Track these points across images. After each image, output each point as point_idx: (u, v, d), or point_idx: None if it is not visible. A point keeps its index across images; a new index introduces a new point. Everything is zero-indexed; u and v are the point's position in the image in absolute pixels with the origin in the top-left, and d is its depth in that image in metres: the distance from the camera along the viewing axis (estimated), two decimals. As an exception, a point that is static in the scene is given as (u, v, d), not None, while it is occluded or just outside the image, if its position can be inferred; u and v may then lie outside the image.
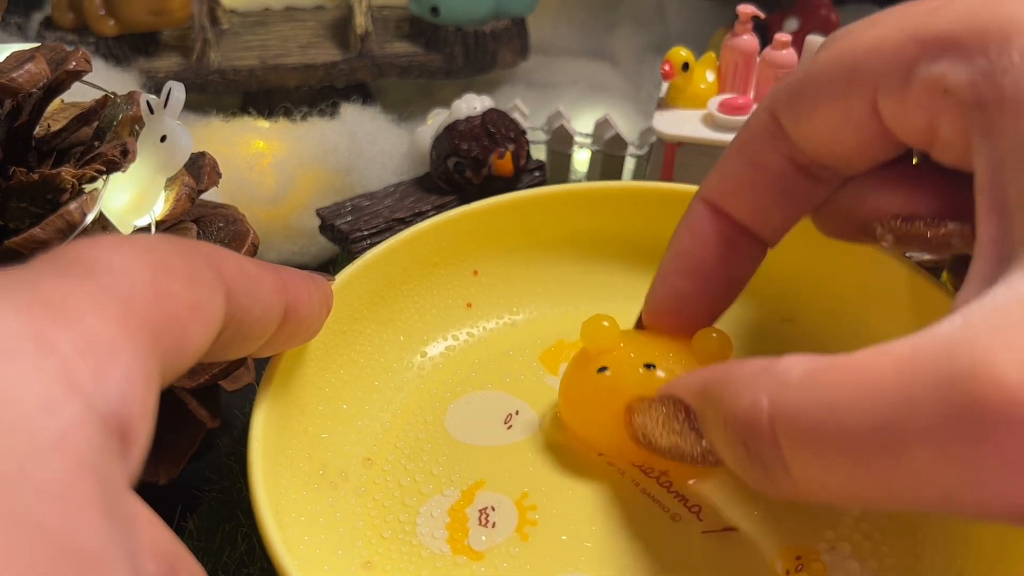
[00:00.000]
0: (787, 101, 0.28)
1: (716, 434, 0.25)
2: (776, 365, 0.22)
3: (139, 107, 0.32)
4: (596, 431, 0.32)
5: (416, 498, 0.32)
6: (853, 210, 0.29)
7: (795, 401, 0.21)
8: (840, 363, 0.21)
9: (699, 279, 0.31)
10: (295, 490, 0.30)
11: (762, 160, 0.29)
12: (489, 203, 0.38)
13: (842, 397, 0.20)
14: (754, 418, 0.22)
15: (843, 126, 0.26)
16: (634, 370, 0.30)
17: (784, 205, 0.30)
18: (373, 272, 0.35)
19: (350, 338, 0.35)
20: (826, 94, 0.26)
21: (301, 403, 0.32)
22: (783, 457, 0.22)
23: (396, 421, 0.35)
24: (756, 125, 0.29)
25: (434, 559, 0.30)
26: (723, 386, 0.24)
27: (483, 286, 0.39)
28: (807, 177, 0.29)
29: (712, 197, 0.31)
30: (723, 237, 0.31)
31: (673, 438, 0.27)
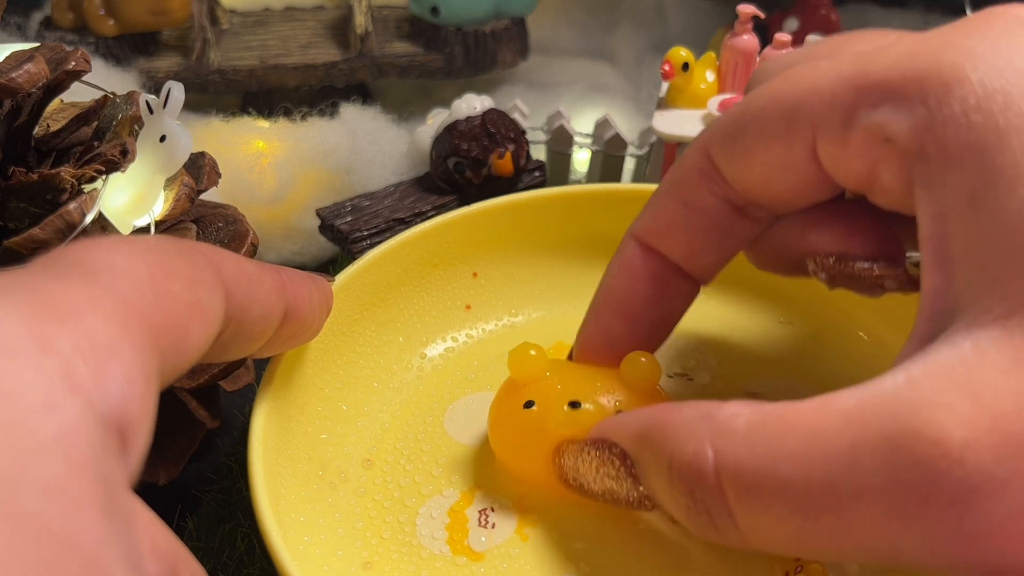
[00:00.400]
0: (722, 142, 0.27)
1: (657, 481, 0.24)
2: (719, 412, 0.22)
3: (138, 107, 0.32)
4: (524, 466, 0.31)
5: (415, 499, 0.32)
6: (787, 247, 0.28)
7: (740, 452, 0.21)
8: (785, 414, 0.21)
9: (630, 318, 0.31)
10: (294, 491, 0.30)
11: (695, 200, 0.29)
12: (488, 205, 0.38)
13: (787, 450, 0.20)
14: (699, 468, 0.22)
15: (780, 168, 0.26)
16: (560, 408, 0.29)
17: (717, 244, 0.29)
18: (372, 273, 0.35)
19: (349, 339, 0.35)
20: (763, 136, 0.26)
21: (300, 404, 0.32)
22: (729, 508, 0.22)
23: (395, 422, 0.35)
24: (689, 165, 0.29)
25: (434, 560, 0.30)
26: (664, 432, 0.24)
27: (482, 288, 0.39)
28: (741, 216, 0.29)
29: (644, 236, 0.30)
30: (655, 276, 0.30)
31: (607, 483, 0.27)
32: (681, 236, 0.30)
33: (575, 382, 0.30)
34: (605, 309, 0.32)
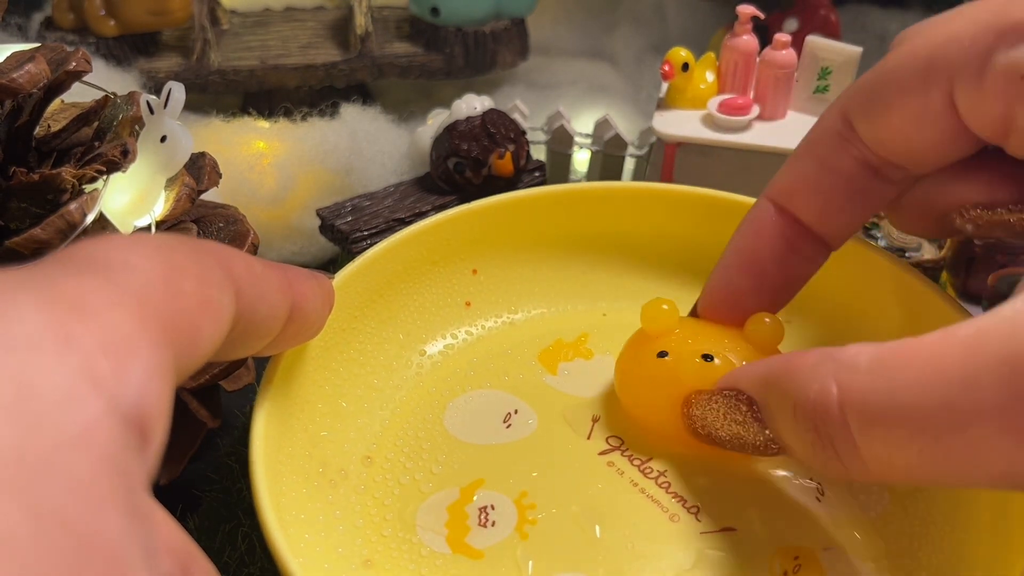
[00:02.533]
0: (860, 101, 0.28)
1: (782, 422, 0.25)
2: (841, 353, 0.23)
3: (139, 107, 0.32)
4: (652, 413, 0.32)
5: (416, 496, 0.32)
6: (931, 203, 0.28)
7: (864, 385, 0.22)
8: (907, 347, 0.22)
9: (756, 277, 0.32)
10: (295, 488, 0.30)
11: (831, 161, 0.29)
12: (488, 202, 0.38)
13: (909, 379, 0.21)
14: (824, 403, 0.23)
15: (919, 123, 0.26)
16: (692, 360, 0.31)
17: (852, 207, 0.30)
18: (373, 271, 0.35)
19: (350, 336, 0.35)
20: (901, 91, 0.26)
21: (301, 401, 0.32)
22: (853, 439, 0.22)
23: (395, 419, 0.35)
24: (826, 127, 0.29)
25: (434, 557, 0.30)
26: (788, 375, 0.25)
27: (482, 285, 0.39)
28: (877, 178, 0.29)
29: (778, 197, 0.31)
30: (785, 237, 0.31)
31: (735, 428, 0.28)
32: (815, 197, 0.30)
33: (705, 337, 0.32)
34: (732, 265, 0.32)
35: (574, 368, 0.37)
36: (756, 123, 0.47)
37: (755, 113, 0.46)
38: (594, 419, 0.34)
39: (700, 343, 0.31)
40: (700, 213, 0.39)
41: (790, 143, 0.45)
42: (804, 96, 0.47)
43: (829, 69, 0.46)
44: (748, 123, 0.46)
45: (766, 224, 0.31)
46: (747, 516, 0.30)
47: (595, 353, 0.37)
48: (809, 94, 0.47)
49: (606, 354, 0.37)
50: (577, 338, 0.38)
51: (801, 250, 0.31)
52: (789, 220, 0.31)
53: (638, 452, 0.32)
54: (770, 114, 0.47)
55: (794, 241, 0.31)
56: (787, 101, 0.47)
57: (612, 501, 0.31)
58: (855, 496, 0.31)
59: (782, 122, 0.47)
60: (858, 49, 0.45)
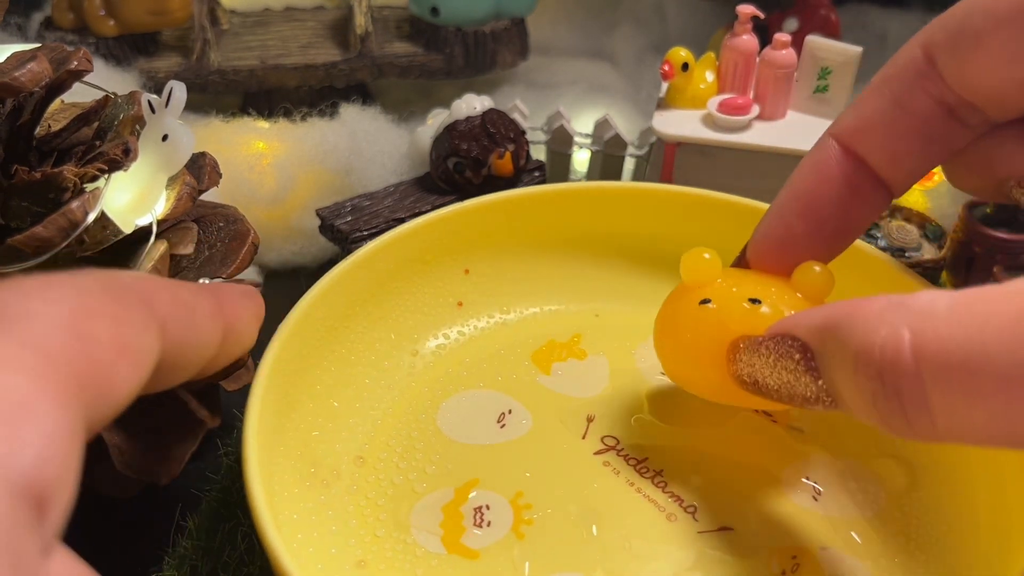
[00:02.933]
0: (947, 33, 0.26)
1: (842, 373, 0.23)
2: (913, 300, 0.21)
3: (140, 107, 0.32)
4: (692, 368, 0.31)
5: (410, 496, 0.32)
6: (993, 165, 0.28)
7: (943, 334, 0.20)
8: (989, 295, 0.20)
9: (815, 221, 0.30)
10: (287, 488, 0.30)
11: (907, 99, 0.27)
12: (481, 202, 0.38)
13: (996, 327, 0.20)
14: (895, 351, 0.21)
15: (1011, 59, 0.25)
16: (739, 304, 0.29)
17: (922, 150, 0.28)
18: (364, 269, 0.35)
19: (341, 335, 0.35)
20: (996, 23, 0.25)
21: (292, 401, 0.32)
22: (924, 392, 0.21)
23: (388, 419, 0.34)
24: (905, 62, 0.27)
25: (429, 558, 0.29)
26: (851, 321, 0.23)
27: (474, 285, 0.39)
28: (952, 121, 0.27)
29: (845, 135, 0.29)
30: (848, 180, 0.29)
31: (785, 376, 0.26)
32: (886, 137, 0.28)
33: (751, 284, 0.30)
34: (789, 207, 0.30)
35: (568, 368, 0.37)
36: (756, 123, 0.47)
37: (755, 113, 0.46)
38: (589, 419, 0.34)
39: (745, 289, 0.30)
40: (696, 214, 0.38)
41: (790, 143, 0.45)
42: (804, 96, 0.47)
43: (829, 69, 0.46)
44: (748, 123, 0.46)
45: (830, 165, 0.29)
46: (744, 515, 0.30)
47: (588, 353, 0.37)
48: (809, 94, 0.47)
49: (599, 354, 0.37)
50: (570, 338, 0.38)
51: (864, 194, 0.29)
52: (854, 161, 0.29)
53: (634, 452, 0.32)
54: (770, 114, 0.47)
55: (858, 184, 0.29)
56: (787, 101, 0.47)
57: (608, 501, 0.31)
58: (852, 496, 0.31)
59: (782, 122, 0.47)
60: (858, 49, 0.45)
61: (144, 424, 0.33)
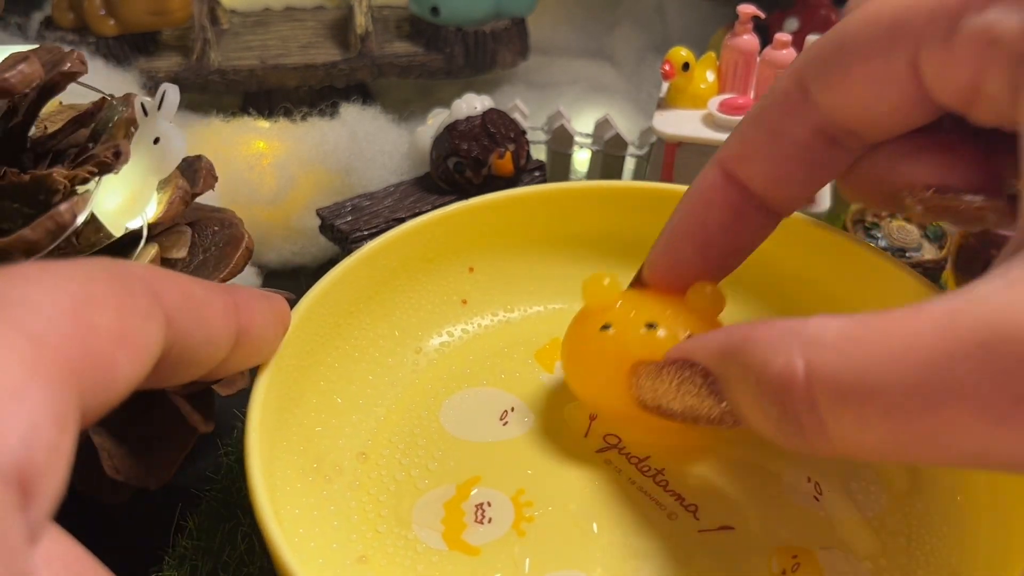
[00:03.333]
0: (817, 65, 0.27)
1: (743, 396, 0.24)
2: (806, 326, 0.22)
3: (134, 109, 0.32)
4: (599, 390, 0.32)
5: (411, 493, 0.32)
6: (883, 178, 0.28)
7: (832, 361, 0.21)
8: (875, 322, 0.21)
9: (701, 245, 0.31)
10: (289, 483, 0.30)
11: (784, 128, 0.28)
12: (485, 200, 0.38)
13: (881, 356, 0.21)
14: (789, 379, 0.22)
15: (880, 89, 0.25)
16: (636, 329, 0.30)
17: (803, 175, 0.29)
18: (369, 267, 0.35)
19: (345, 332, 0.35)
20: (862, 54, 0.25)
21: (295, 396, 0.32)
22: (820, 416, 0.22)
23: (391, 416, 0.34)
24: (780, 92, 0.28)
25: (430, 554, 0.30)
26: (749, 347, 0.24)
27: (478, 283, 0.39)
28: (832, 146, 0.28)
29: (727, 163, 0.30)
30: (732, 206, 0.30)
31: (688, 400, 0.27)
32: (766, 165, 0.29)
33: (648, 307, 0.31)
34: (678, 232, 0.31)
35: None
36: (756, 122, 0.46)
37: (755, 112, 0.46)
38: (591, 417, 0.34)
39: (643, 313, 0.31)
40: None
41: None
42: (804, 95, 0.47)
43: (829, 68, 0.46)
44: (748, 122, 0.46)
45: (714, 191, 0.30)
46: (745, 515, 0.30)
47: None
48: (809, 93, 0.47)
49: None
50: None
51: (749, 219, 0.30)
52: (738, 188, 0.30)
53: (635, 450, 0.32)
54: (770, 113, 0.47)
55: (742, 209, 0.30)
56: (787, 100, 0.47)
57: (609, 499, 0.31)
58: (852, 496, 0.31)
59: (782, 121, 0.47)
60: (858, 48, 0.45)
61: (134, 430, 0.33)
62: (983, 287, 0.20)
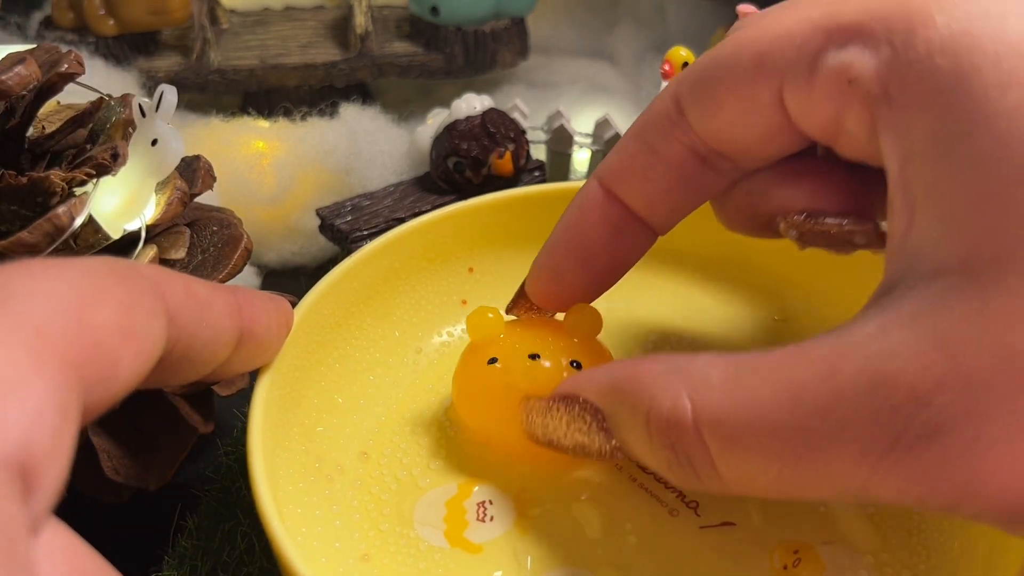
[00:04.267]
0: (691, 87, 0.27)
1: (632, 435, 0.25)
2: (691, 364, 0.23)
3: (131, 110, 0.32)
4: (490, 424, 0.32)
5: (413, 491, 0.32)
6: (756, 204, 0.28)
7: (718, 403, 0.22)
8: (757, 364, 0.22)
9: (581, 260, 0.31)
10: (292, 482, 0.30)
11: (659, 146, 0.28)
12: (485, 200, 0.38)
13: (765, 398, 0.21)
14: (678, 420, 0.22)
15: (747, 117, 0.26)
16: (521, 361, 0.30)
17: (679, 194, 0.29)
18: (369, 267, 0.35)
19: (346, 332, 0.35)
20: (731, 83, 0.25)
21: (297, 396, 0.32)
22: (711, 457, 0.22)
23: (392, 415, 0.34)
24: (658, 111, 0.28)
25: (432, 552, 0.30)
26: (637, 387, 0.24)
27: (478, 283, 0.39)
28: (706, 167, 0.28)
29: (606, 179, 0.30)
30: (611, 221, 0.30)
31: (578, 438, 0.27)
32: (642, 183, 0.29)
33: (530, 337, 0.31)
34: (557, 248, 0.31)
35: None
36: (756, 122, 0.46)
37: (755, 112, 0.46)
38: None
39: (526, 344, 0.31)
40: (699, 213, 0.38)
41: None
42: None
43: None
44: (748, 122, 0.46)
45: (594, 208, 0.30)
46: (746, 510, 0.30)
47: None
48: (809, 93, 0.47)
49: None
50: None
51: (627, 234, 0.30)
52: (616, 204, 0.30)
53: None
54: (770, 113, 0.47)
55: (620, 225, 0.30)
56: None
57: (611, 496, 0.31)
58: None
59: (782, 121, 0.47)
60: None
61: (134, 430, 0.33)
62: (859, 330, 0.21)
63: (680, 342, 0.37)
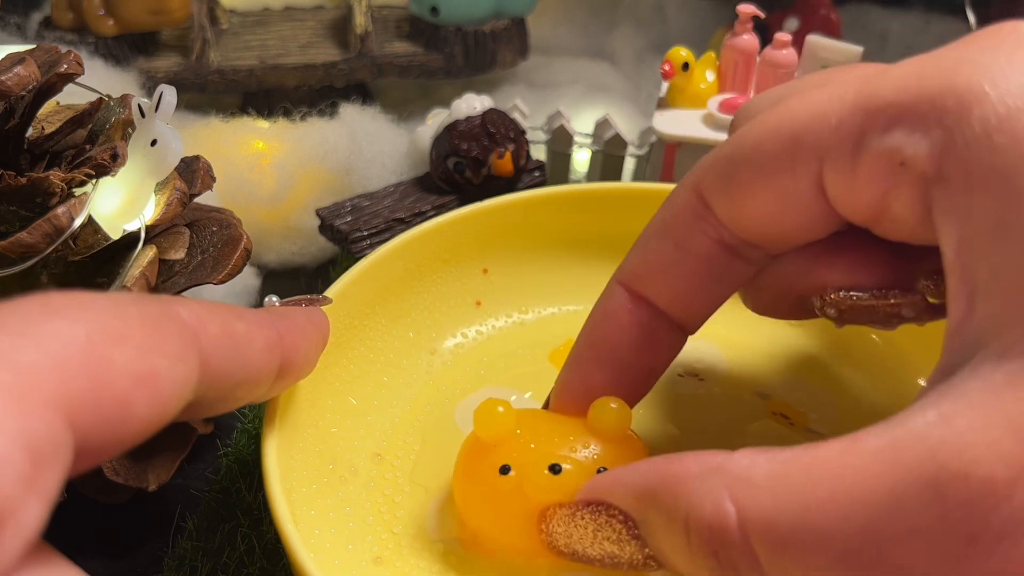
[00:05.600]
0: (716, 180, 0.26)
1: (669, 542, 0.23)
2: (731, 463, 0.21)
3: (131, 110, 0.32)
4: (502, 535, 0.29)
5: (425, 493, 0.32)
6: (789, 285, 0.27)
7: (766, 504, 0.20)
8: (806, 460, 0.20)
9: (614, 368, 0.29)
10: (305, 484, 0.30)
11: (686, 243, 0.27)
12: (500, 202, 0.38)
13: (820, 498, 0.19)
14: (722, 525, 0.21)
15: (783, 205, 0.25)
16: (539, 471, 0.27)
17: (709, 289, 0.28)
18: (384, 268, 0.35)
19: (360, 333, 0.35)
20: (764, 170, 0.24)
21: (311, 398, 0.32)
22: (760, 566, 0.20)
23: (406, 417, 0.35)
24: (680, 206, 0.27)
25: (446, 554, 0.29)
26: (673, 489, 0.22)
27: (493, 284, 0.39)
28: (734, 258, 0.27)
29: (631, 282, 0.29)
30: (641, 325, 0.29)
31: (607, 547, 0.25)
32: (671, 281, 0.28)
33: (548, 440, 0.29)
34: (587, 358, 0.30)
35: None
36: (756, 123, 0.46)
37: (755, 113, 0.46)
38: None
39: (544, 449, 0.28)
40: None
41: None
42: (804, 96, 0.47)
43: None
44: (748, 123, 0.46)
45: (621, 312, 0.29)
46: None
47: None
48: (809, 94, 0.47)
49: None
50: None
51: (660, 337, 0.29)
52: (644, 306, 0.29)
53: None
54: (770, 114, 0.47)
55: (651, 328, 0.29)
56: (787, 101, 0.47)
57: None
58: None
59: (782, 122, 0.47)
60: (859, 49, 0.45)
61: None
62: (918, 419, 0.19)
63: (695, 347, 0.37)
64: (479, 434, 0.29)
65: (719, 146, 0.26)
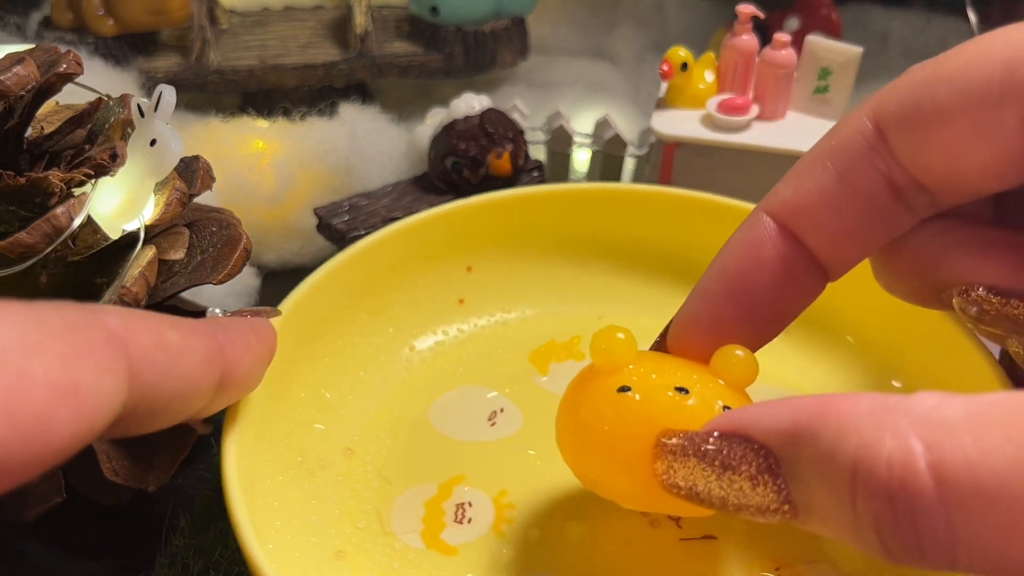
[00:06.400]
0: (902, 108, 0.23)
1: (826, 489, 0.19)
2: (913, 402, 0.18)
3: (130, 110, 0.32)
4: (610, 468, 0.26)
5: (393, 490, 0.31)
6: (931, 270, 0.25)
7: (968, 448, 0.17)
8: (1010, 400, 0.17)
9: (746, 306, 0.26)
10: (271, 475, 0.30)
11: (851, 176, 0.24)
12: (486, 199, 0.38)
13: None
14: (907, 471, 0.17)
15: (977, 139, 0.22)
16: (663, 393, 0.25)
17: (866, 232, 0.25)
18: (366, 261, 0.35)
19: (338, 326, 0.35)
20: (965, 99, 0.22)
21: (283, 389, 0.31)
22: (949, 524, 0.17)
23: (380, 413, 0.34)
24: (849, 134, 0.25)
25: (407, 552, 0.29)
26: (838, 424, 0.19)
27: (476, 283, 0.39)
28: (898, 203, 0.25)
29: (780, 212, 0.26)
30: (784, 261, 0.26)
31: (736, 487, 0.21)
32: (827, 216, 0.25)
33: (671, 370, 0.26)
34: (718, 291, 0.27)
35: (565, 369, 0.36)
36: (755, 123, 0.46)
37: (754, 113, 0.46)
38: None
39: (666, 376, 0.25)
40: (700, 217, 0.38)
41: (790, 143, 0.45)
42: (804, 96, 0.47)
43: (829, 69, 0.46)
44: (747, 123, 0.46)
45: (764, 245, 0.26)
46: (729, 525, 0.30)
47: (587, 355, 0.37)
48: (809, 94, 0.47)
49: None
50: (570, 339, 0.38)
51: (800, 278, 0.26)
52: (790, 241, 0.26)
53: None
54: (770, 114, 0.47)
55: (794, 266, 0.26)
56: (787, 101, 0.47)
57: (591, 504, 0.30)
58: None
59: (782, 122, 0.47)
60: (859, 49, 0.45)
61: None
62: None
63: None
64: (595, 360, 0.26)
65: (905, 73, 0.24)
